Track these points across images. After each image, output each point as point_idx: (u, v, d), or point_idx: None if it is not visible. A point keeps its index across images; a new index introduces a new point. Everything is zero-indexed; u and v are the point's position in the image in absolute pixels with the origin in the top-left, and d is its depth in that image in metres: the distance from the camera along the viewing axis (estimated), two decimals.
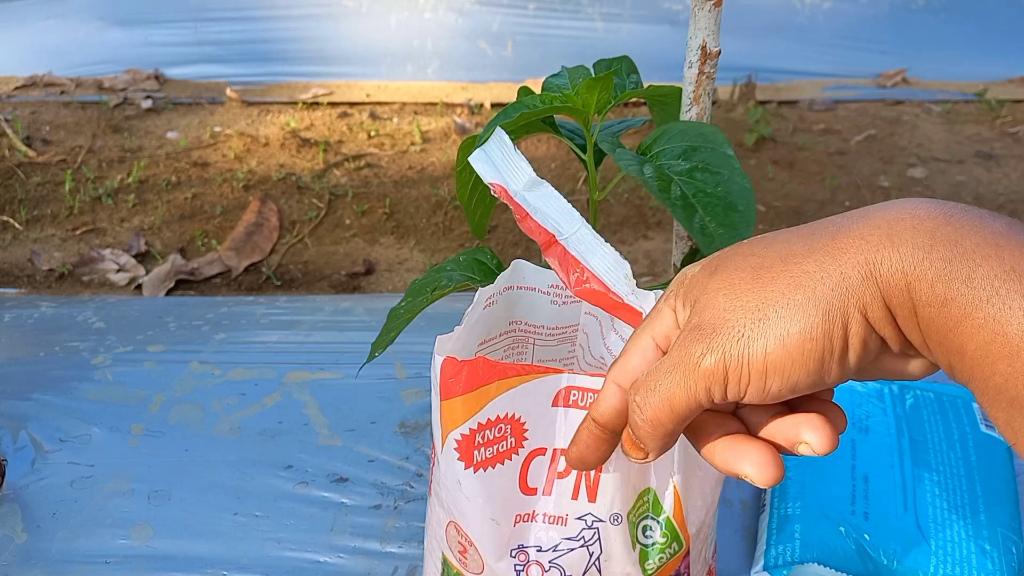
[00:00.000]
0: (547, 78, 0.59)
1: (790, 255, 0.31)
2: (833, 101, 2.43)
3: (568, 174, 2.04)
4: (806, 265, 0.31)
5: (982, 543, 0.62)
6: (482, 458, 0.46)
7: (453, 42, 2.50)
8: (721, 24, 0.53)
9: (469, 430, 0.46)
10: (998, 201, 2.01)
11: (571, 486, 0.47)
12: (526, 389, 0.45)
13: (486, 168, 0.48)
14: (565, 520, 0.47)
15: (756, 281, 0.31)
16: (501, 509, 0.47)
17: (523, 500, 0.47)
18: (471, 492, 0.47)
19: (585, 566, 0.48)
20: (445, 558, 0.51)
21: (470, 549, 0.49)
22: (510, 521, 0.47)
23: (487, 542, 0.47)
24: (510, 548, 0.47)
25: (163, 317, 0.95)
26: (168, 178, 2.00)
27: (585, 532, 0.47)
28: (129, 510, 0.71)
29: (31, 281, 1.69)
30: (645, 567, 0.48)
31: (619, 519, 0.47)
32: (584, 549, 0.47)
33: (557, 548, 0.47)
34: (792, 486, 0.67)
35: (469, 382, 0.45)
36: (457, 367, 0.45)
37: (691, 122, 0.54)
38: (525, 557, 0.48)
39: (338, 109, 2.32)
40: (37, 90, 2.38)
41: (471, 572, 0.49)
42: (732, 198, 0.49)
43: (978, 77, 2.51)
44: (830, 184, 2.05)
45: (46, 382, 0.84)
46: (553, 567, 0.48)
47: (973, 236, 0.29)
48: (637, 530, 0.48)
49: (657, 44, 2.47)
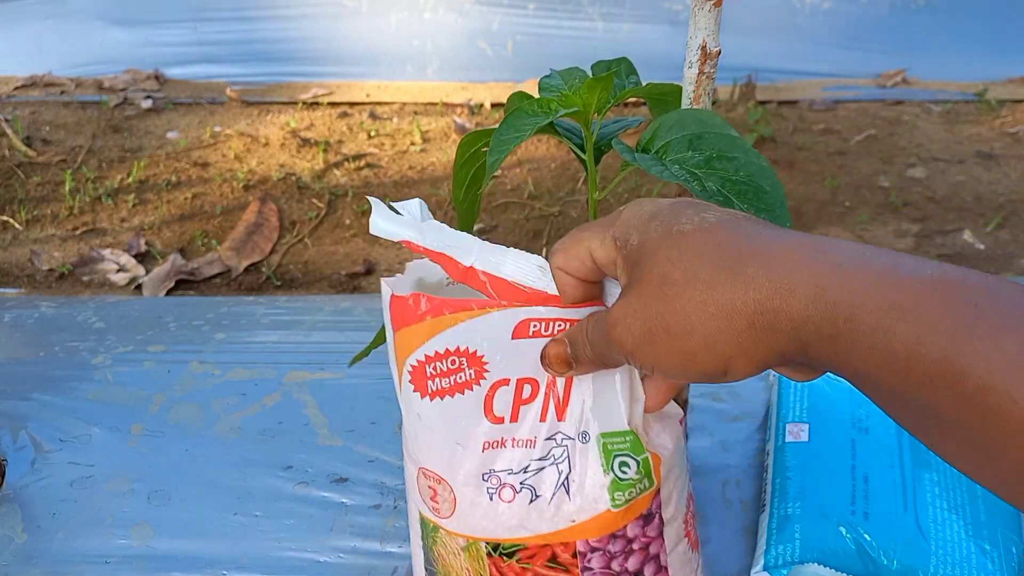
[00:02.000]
0: (541, 80, 0.59)
1: (695, 278, 0.35)
2: (833, 101, 2.43)
3: (568, 174, 2.04)
4: (702, 295, 0.34)
5: (982, 543, 0.62)
6: (437, 388, 0.47)
7: (453, 42, 2.50)
8: (721, 24, 0.53)
9: (422, 359, 0.47)
10: (998, 201, 2.01)
11: (539, 409, 0.48)
12: (482, 322, 0.46)
13: (391, 228, 0.48)
14: (534, 442, 0.48)
15: (660, 289, 0.36)
16: (466, 435, 0.48)
17: (491, 428, 0.48)
18: (430, 420, 0.48)
19: (555, 485, 0.48)
20: (422, 516, 0.52)
21: (439, 488, 0.49)
22: (478, 447, 0.48)
23: (455, 470, 0.48)
24: (481, 472, 0.48)
25: (163, 317, 0.96)
26: (168, 178, 2.00)
27: (555, 450, 0.48)
28: (129, 510, 0.71)
29: (31, 281, 1.69)
30: (613, 497, 0.48)
31: (587, 437, 0.48)
32: (554, 467, 0.48)
33: (527, 470, 0.48)
34: (792, 486, 0.67)
35: (418, 313, 0.47)
36: (405, 300, 0.47)
37: (685, 110, 0.53)
38: (497, 481, 0.48)
39: (338, 109, 2.32)
40: (37, 90, 2.38)
41: (444, 517, 0.50)
42: (757, 180, 0.49)
43: (978, 77, 2.51)
44: (830, 184, 2.05)
45: (46, 382, 0.84)
46: (524, 488, 0.48)
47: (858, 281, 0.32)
48: (613, 461, 0.48)
49: (657, 44, 2.47)
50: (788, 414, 0.74)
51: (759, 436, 0.77)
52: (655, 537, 0.51)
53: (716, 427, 0.78)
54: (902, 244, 1.85)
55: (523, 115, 0.53)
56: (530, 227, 1.86)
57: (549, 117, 0.52)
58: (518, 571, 0.50)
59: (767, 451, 0.73)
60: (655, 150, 0.52)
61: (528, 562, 0.49)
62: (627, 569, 0.50)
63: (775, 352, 0.34)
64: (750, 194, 0.48)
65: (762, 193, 0.48)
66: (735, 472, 0.74)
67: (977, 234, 1.89)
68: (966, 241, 1.87)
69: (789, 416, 0.74)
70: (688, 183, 0.49)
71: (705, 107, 0.55)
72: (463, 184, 0.59)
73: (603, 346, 0.40)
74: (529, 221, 1.88)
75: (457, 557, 0.51)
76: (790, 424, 0.73)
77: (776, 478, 0.69)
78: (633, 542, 0.50)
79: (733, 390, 0.81)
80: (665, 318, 0.35)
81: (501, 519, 0.49)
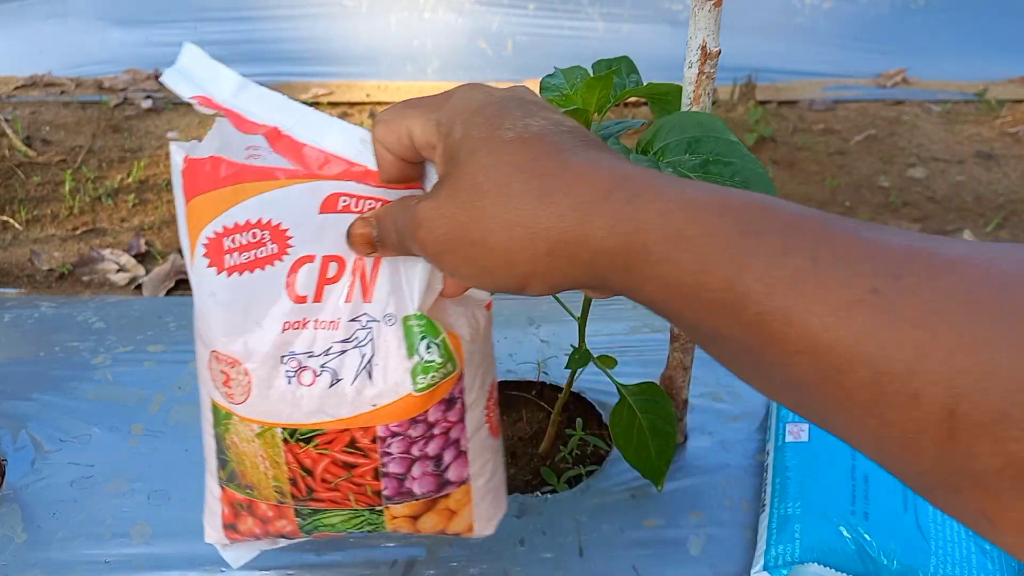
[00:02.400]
0: (544, 78, 0.59)
1: (505, 193, 0.34)
2: (833, 101, 2.43)
3: None
4: (508, 214, 0.34)
5: (982, 543, 0.62)
6: (235, 263, 0.45)
7: (453, 42, 2.50)
8: (721, 24, 0.53)
9: (220, 230, 0.44)
10: (998, 201, 2.01)
11: (344, 289, 0.46)
12: (286, 194, 0.44)
13: (184, 85, 0.45)
14: (337, 324, 0.46)
15: (471, 198, 0.35)
16: (265, 314, 0.46)
17: (292, 308, 0.45)
18: (226, 298, 0.45)
19: (357, 369, 0.46)
20: (214, 403, 0.49)
21: (232, 372, 0.47)
22: (277, 327, 0.46)
23: (251, 352, 0.46)
24: (280, 355, 0.46)
25: (163, 317, 0.96)
26: (168, 178, 2.00)
27: (359, 332, 0.46)
28: (129, 510, 0.71)
29: (31, 281, 1.69)
30: (416, 380, 0.47)
31: (393, 320, 0.46)
32: (357, 350, 0.46)
33: (329, 352, 0.46)
34: (792, 486, 0.67)
35: (217, 179, 0.43)
36: (203, 163, 0.43)
37: (686, 112, 0.53)
38: (296, 363, 0.46)
39: (338, 109, 2.32)
40: (37, 90, 2.38)
41: (237, 403, 0.48)
42: (751, 186, 0.48)
43: (978, 77, 2.51)
44: (830, 184, 2.05)
45: (46, 382, 0.84)
46: (325, 371, 0.46)
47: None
48: (419, 343, 0.47)
49: (657, 44, 2.47)
50: (788, 414, 0.74)
51: (759, 436, 0.77)
52: (456, 422, 0.50)
53: (716, 427, 0.78)
54: None
55: None
56: None
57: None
58: (315, 457, 0.48)
59: (767, 451, 0.73)
60: (653, 151, 0.52)
61: (326, 448, 0.48)
62: (427, 453, 0.49)
63: (572, 279, 0.34)
64: None
65: None
66: (735, 472, 0.73)
67: (977, 234, 1.89)
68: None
69: (789, 416, 0.74)
70: None
71: (705, 107, 0.55)
72: None
73: (408, 239, 0.39)
74: None
75: (251, 444, 0.49)
76: (790, 424, 0.73)
77: (776, 478, 0.69)
78: (434, 427, 0.49)
79: (733, 390, 0.81)
80: (469, 229, 0.35)
81: (299, 404, 0.47)
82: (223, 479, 0.52)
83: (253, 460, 0.50)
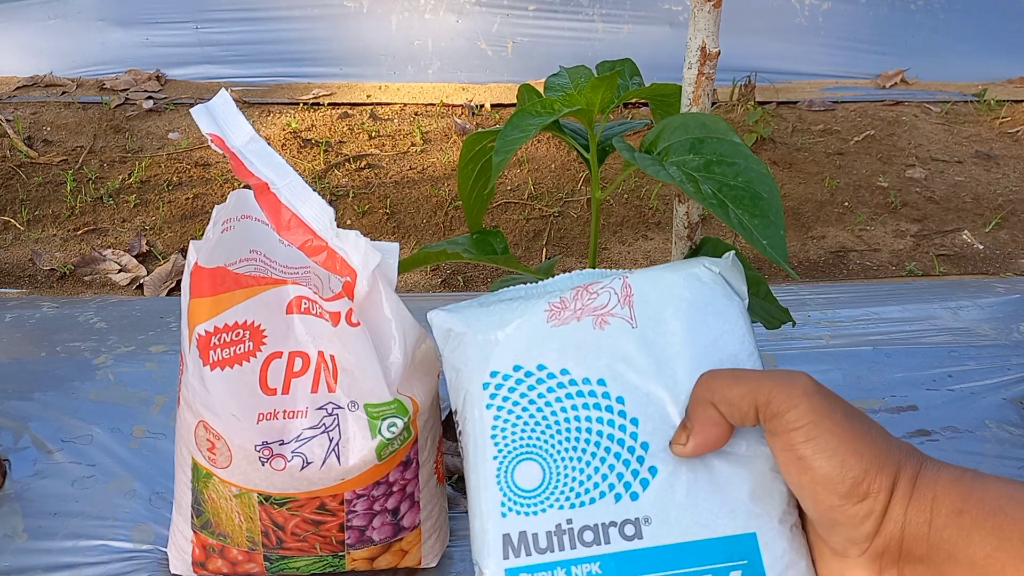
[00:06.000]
0: (549, 78, 0.59)
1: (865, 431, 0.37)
2: (832, 102, 2.43)
3: (568, 175, 2.05)
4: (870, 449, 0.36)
5: None
6: (219, 358, 0.51)
7: (453, 43, 2.50)
8: (721, 25, 0.53)
9: (210, 329, 0.51)
10: (997, 201, 2.01)
11: (309, 382, 0.52)
12: (262, 299, 0.52)
13: (206, 121, 0.53)
14: (306, 413, 0.52)
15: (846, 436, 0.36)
16: (242, 407, 0.51)
17: (263, 400, 0.52)
18: (214, 388, 0.52)
19: (326, 451, 0.52)
20: (195, 462, 0.55)
21: (218, 443, 0.52)
22: (252, 419, 0.51)
23: (232, 436, 0.52)
24: (254, 444, 0.52)
25: (165, 317, 0.96)
26: (169, 178, 2.00)
27: (326, 419, 0.52)
28: (130, 510, 0.71)
29: (32, 281, 1.69)
30: (380, 454, 0.52)
31: (356, 406, 0.52)
32: (325, 435, 0.52)
33: (299, 438, 0.52)
34: None
35: (214, 286, 0.52)
36: (205, 273, 0.52)
37: (690, 113, 0.54)
38: (269, 452, 0.52)
39: (339, 110, 2.33)
40: (38, 90, 2.38)
41: (220, 467, 0.53)
42: (754, 187, 0.49)
43: (978, 77, 2.52)
44: (829, 184, 2.05)
45: (48, 382, 0.84)
46: (296, 455, 0.52)
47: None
48: (381, 424, 0.52)
49: (657, 45, 2.48)
50: None
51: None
52: (412, 479, 0.56)
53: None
54: (901, 244, 1.86)
55: (528, 115, 0.53)
56: (530, 227, 1.86)
57: (553, 116, 0.52)
58: (287, 516, 0.54)
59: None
60: (657, 151, 0.52)
61: (298, 510, 0.54)
62: (387, 508, 0.55)
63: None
64: (746, 200, 0.48)
65: (758, 199, 0.48)
66: None
67: (976, 234, 1.89)
68: (965, 241, 1.87)
69: None
70: (684, 185, 0.49)
71: (704, 108, 0.56)
72: (469, 180, 0.60)
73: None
74: (529, 222, 1.88)
75: (229, 502, 0.54)
76: None
77: None
78: (393, 485, 0.55)
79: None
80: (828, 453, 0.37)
81: (273, 480, 0.52)
82: (197, 526, 0.58)
83: (229, 514, 0.55)
